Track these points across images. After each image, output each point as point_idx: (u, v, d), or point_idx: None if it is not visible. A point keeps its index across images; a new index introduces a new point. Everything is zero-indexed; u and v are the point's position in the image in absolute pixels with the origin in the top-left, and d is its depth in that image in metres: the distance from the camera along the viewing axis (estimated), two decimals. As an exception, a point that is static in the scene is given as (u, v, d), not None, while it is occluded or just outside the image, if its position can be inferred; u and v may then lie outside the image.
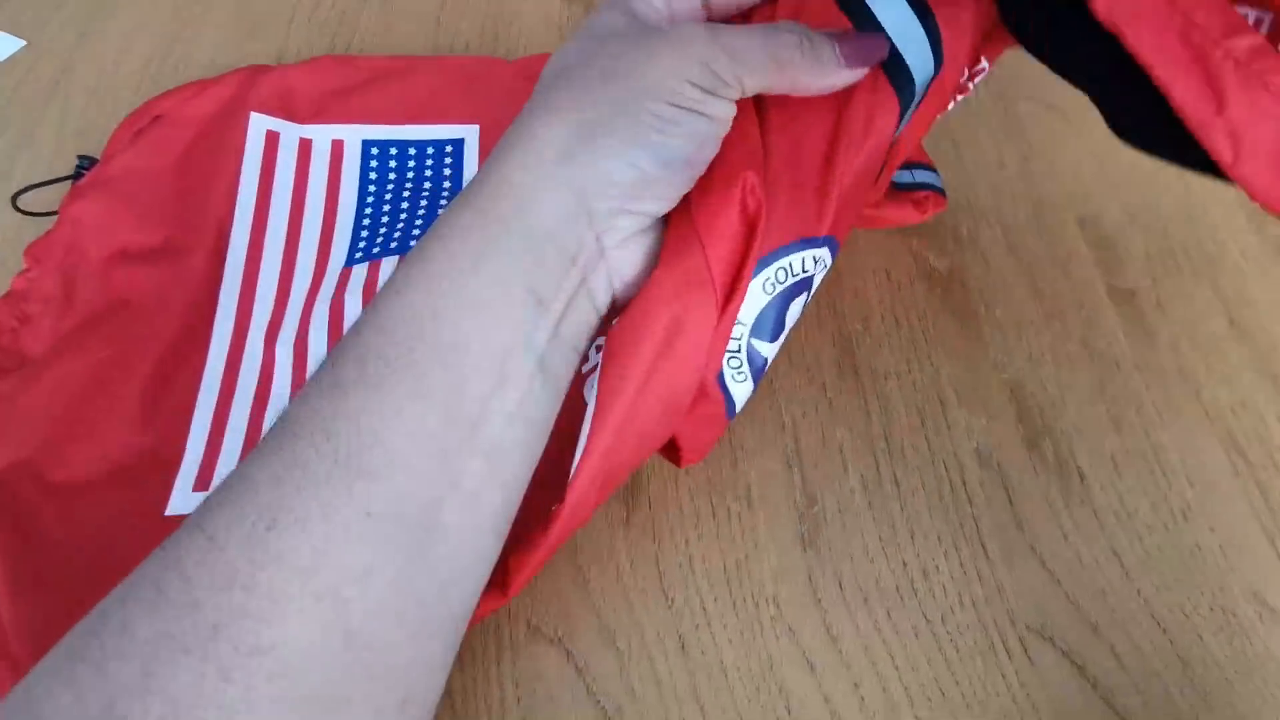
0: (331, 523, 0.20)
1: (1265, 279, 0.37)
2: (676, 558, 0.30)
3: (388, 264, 0.36)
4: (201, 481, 0.31)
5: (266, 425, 0.30)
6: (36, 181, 0.38)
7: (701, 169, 0.24)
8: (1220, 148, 0.20)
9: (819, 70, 0.24)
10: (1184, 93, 0.19)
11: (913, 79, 0.26)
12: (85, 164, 0.38)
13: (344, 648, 0.20)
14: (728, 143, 0.25)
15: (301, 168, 0.39)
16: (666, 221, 0.24)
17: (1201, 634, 0.28)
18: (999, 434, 0.32)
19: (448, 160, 0.40)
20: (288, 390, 0.33)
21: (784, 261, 0.25)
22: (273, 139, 0.39)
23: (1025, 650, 0.28)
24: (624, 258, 0.24)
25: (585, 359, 0.25)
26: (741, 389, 0.26)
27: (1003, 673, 0.28)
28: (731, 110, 0.24)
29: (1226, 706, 0.27)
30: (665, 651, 0.28)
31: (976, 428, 0.33)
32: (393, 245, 0.37)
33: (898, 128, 0.27)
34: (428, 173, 0.39)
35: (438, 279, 0.22)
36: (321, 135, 0.40)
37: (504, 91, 0.41)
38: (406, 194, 0.39)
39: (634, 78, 0.22)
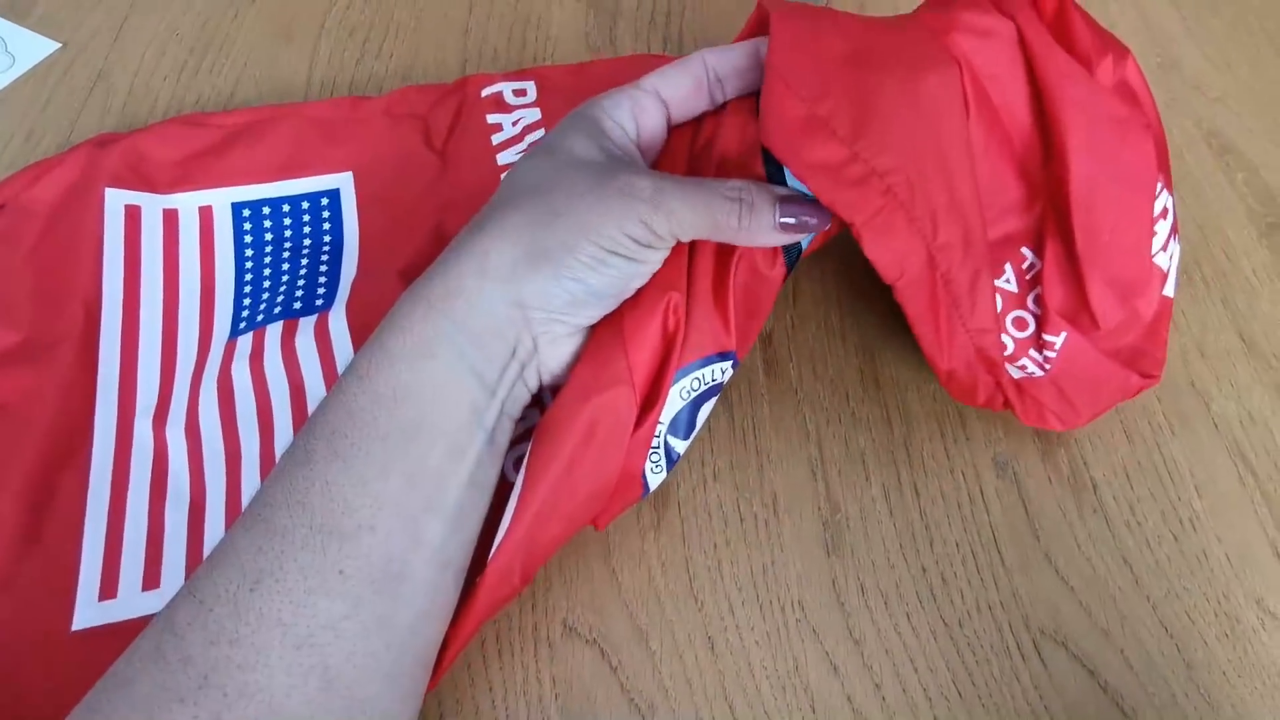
0: (309, 580, 0.22)
1: (1275, 295, 0.38)
2: (705, 562, 0.31)
3: (272, 330, 0.35)
4: (107, 590, 0.29)
5: (169, 516, 0.31)
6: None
7: (630, 294, 0.27)
8: (934, 356, 0.29)
9: (753, 233, 0.27)
10: (924, 334, 0.29)
11: (800, 247, 0.30)
12: None
13: (322, 688, 0.22)
14: (664, 264, 0.28)
15: (170, 240, 0.37)
16: (593, 327, 0.28)
17: (1206, 639, 0.30)
18: (1015, 444, 0.34)
19: (325, 213, 0.38)
20: (186, 476, 0.31)
21: (699, 372, 0.28)
22: (133, 213, 0.37)
23: (1039, 654, 0.29)
24: (553, 354, 0.27)
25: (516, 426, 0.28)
26: (656, 479, 0.29)
27: (1017, 675, 0.29)
28: (663, 255, 0.27)
29: (1228, 707, 0.29)
30: (695, 652, 0.29)
31: (994, 438, 0.34)
32: (276, 310, 0.35)
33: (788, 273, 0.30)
34: (306, 228, 0.38)
35: (398, 364, 0.25)
36: (187, 203, 0.38)
37: (372, 134, 0.40)
38: (286, 253, 0.37)
39: (581, 220, 0.25)
